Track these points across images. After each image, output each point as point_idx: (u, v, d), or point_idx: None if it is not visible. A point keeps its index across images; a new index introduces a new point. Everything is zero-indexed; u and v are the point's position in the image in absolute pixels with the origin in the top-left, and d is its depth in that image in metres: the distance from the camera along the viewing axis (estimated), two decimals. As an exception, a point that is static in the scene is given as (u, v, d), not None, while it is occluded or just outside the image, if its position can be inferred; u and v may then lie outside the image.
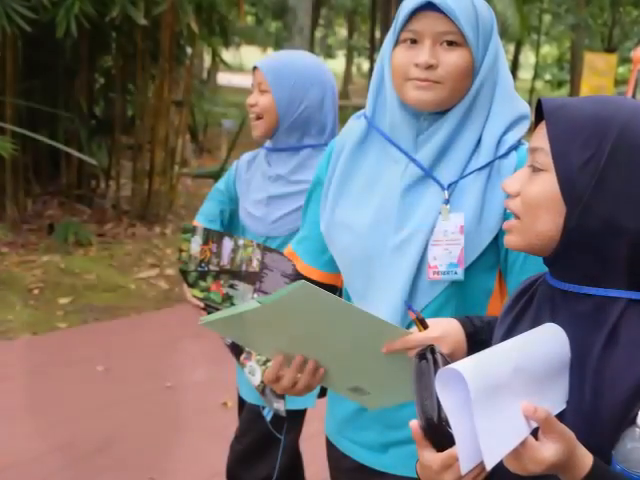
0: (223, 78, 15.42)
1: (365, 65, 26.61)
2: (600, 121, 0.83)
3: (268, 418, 1.73)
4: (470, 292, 1.18)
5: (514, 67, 18.89)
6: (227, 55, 11.57)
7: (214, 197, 1.90)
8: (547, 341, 0.85)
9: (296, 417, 1.75)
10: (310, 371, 1.05)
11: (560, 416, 0.81)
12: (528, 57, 27.58)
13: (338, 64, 26.29)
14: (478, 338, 1.03)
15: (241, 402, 1.89)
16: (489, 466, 0.74)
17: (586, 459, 0.79)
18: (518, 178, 0.89)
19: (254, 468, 1.78)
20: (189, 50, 6.30)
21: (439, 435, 0.82)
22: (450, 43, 1.14)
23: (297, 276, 1.34)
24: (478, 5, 1.16)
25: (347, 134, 1.28)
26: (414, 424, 0.83)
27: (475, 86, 1.17)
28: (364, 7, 21.25)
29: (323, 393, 1.52)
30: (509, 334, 0.92)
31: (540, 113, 0.88)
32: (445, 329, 1.02)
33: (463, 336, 1.03)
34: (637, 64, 8.65)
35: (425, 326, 1.02)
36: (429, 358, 0.88)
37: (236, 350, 1.56)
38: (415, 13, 1.14)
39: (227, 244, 1.58)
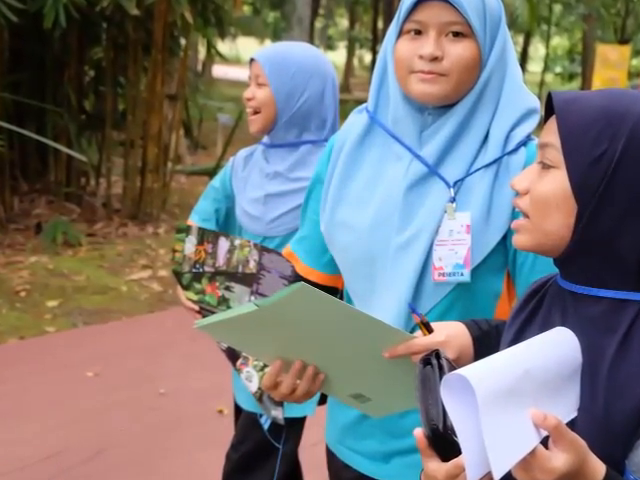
0: (219, 71, 15.41)
1: (367, 57, 26.38)
2: (613, 115, 0.82)
3: (266, 426, 1.71)
4: (477, 294, 1.15)
5: (523, 59, 18.73)
6: (223, 47, 11.56)
7: (209, 195, 1.87)
8: (558, 345, 0.84)
9: (295, 425, 1.73)
10: (309, 377, 1.04)
11: (571, 424, 0.80)
12: (538, 49, 27.29)
13: (339, 56, 26.28)
14: (485, 342, 1.02)
15: (237, 409, 1.86)
16: (497, 476, 0.72)
17: (598, 469, 0.77)
18: (527, 175, 0.88)
19: (251, 478, 1.76)
20: (183, 41, 6.27)
21: (444, 444, 0.80)
22: (456, 34, 1.12)
23: (296, 277, 1.32)
24: None
25: (348, 129, 1.26)
26: (418, 432, 0.82)
27: (482, 79, 1.15)
28: (366, -4, 21.12)
29: (323, 400, 1.50)
30: (518, 338, 0.90)
31: (550, 107, 0.87)
32: (451, 333, 1.00)
33: (469, 340, 1.02)
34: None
35: (430, 330, 1.00)
36: (434, 363, 0.87)
37: (232, 355, 1.54)
38: (419, 3, 1.12)
39: (223, 244, 1.55)
